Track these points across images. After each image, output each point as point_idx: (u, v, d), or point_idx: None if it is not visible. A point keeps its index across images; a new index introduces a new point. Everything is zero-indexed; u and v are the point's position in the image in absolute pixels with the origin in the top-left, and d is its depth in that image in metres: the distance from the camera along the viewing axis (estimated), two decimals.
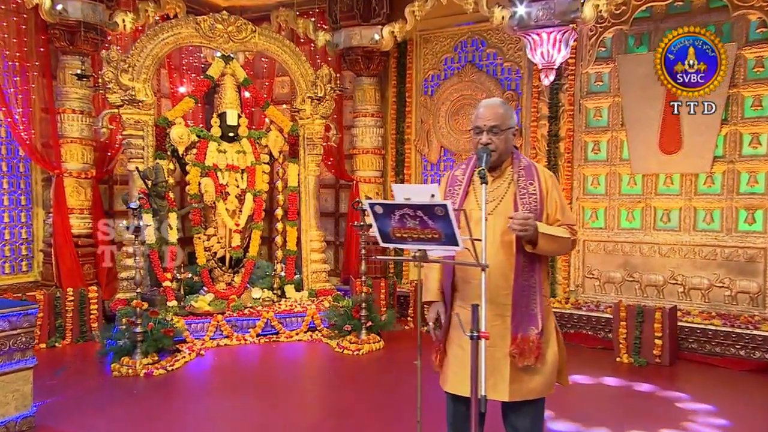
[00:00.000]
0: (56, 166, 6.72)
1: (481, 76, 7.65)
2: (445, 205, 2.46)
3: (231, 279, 7.02)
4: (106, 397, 4.91)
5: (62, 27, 6.59)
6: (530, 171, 2.98)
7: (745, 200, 6.37)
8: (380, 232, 2.72)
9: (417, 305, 7.08)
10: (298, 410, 4.77)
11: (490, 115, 2.93)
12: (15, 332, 4.00)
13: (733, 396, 5.18)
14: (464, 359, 2.84)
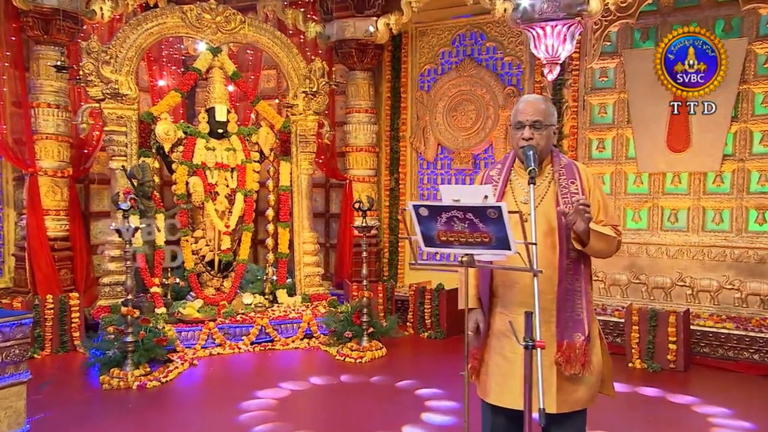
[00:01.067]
0: (30, 165, 6.48)
1: (480, 70, 7.64)
2: (500, 207, 2.39)
3: (220, 284, 6.87)
4: (101, 412, 4.75)
5: (36, 15, 6.36)
6: (571, 169, 2.93)
7: (756, 200, 6.41)
8: (423, 236, 2.65)
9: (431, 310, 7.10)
10: (309, 423, 4.66)
11: (533, 110, 2.88)
12: (8, 344, 3.82)
13: (757, 402, 5.13)
14: (507, 369, 2.84)
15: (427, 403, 4.96)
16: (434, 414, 4.77)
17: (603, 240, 2.79)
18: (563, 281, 2.78)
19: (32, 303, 5.91)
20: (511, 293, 2.89)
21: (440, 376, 5.85)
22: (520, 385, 2.76)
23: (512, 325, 2.70)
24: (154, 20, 6.48)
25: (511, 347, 2.81)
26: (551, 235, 2.78)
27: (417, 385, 5.42)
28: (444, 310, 6.94)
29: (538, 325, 2.44)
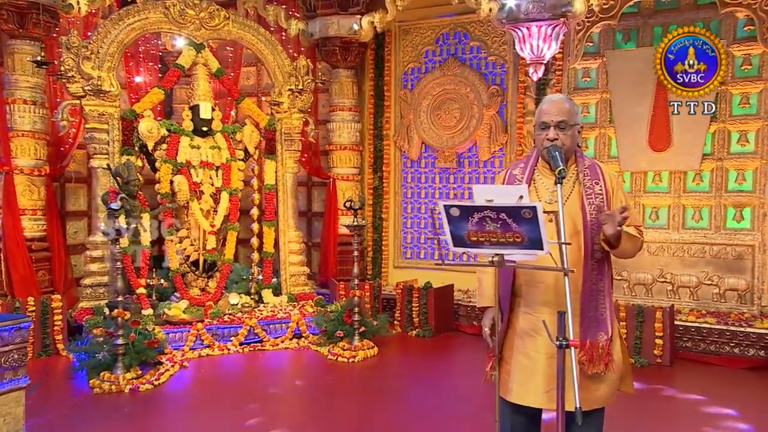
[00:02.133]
0: (5, 163, 6.34)
1: (464, 69, 7.74)
2: (535, 207, 2.40)
3: (205, 284, 6.83)
4: (96, 417, 4.66)
5: (11, 8, 6.19)
6: (595, 170, 2.96)
7: (734, 198, 6.66)
8: (453, 236, 2.66)
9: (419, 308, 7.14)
10: (309, 423, 4.69)
11: (557, 110, 2.88)
12: (6, 349, 3.75)
13: (740, 394, 5.35)
14: (530, 368, 2.87)
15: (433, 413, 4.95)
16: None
17: (630, 241, 2.83)
18: (588, 281, 2.81)
19: (12, 306, 5.75)
20: (535, 292, 2.91)
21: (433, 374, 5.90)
22: (542, 384, 2.86)
23: (546, 325, 2.70)
24: (136, 15, 6.39)
25: (535, 346, 2.88)
26: (576, 236, 2.80)
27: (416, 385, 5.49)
28: (432, 308, 7.02)
29: (571, 325, 2.46)
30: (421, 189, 8.08)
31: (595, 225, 2.87)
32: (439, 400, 5.20)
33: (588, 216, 2.85)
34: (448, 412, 4.91)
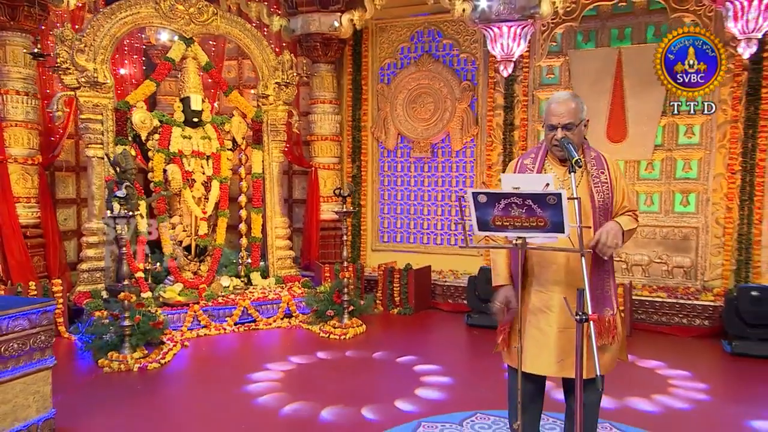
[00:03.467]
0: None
1: (438, 66, 7.90)
2: (560, 194, 2.56)
3: (197, 268, 6.86)
4: (112, 394, 4.71)
5: (3, 1, 6.08)
6: (600, 161, 3.11)
7: (681, 185, 7.06)
8: (478, 221, 2.79)
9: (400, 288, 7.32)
10: (315, 395, 4.78)
11: (564, 112, 2.99)
12: (34, 331, 3.81)
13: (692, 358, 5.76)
14: (543, 341, 3.03)
15: (423, 378, 5.15)
16: (429, 388, 4.94)
17: (629, 233, 3.00)
18: (596, 262, 2.92)
19: (14, 291, 5.72)
20: (547, 272, 3.03)
21: (419, 347, 6.12)
22: (554, 355, 3.03)
23: (567, 302, 2.80)
24: (128, 10, 6.36)
25: (547, 321, 3.04)
26: (586, 221, 2.91)
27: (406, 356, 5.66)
28: (412, 288, 7.20)
29: (589, 301, 2.53)
30: (397, 177, 8.24)
31: (602, 210, 3.01)
32: (427, 369, 5.38)
33: (596, 203, 2.99)
34: (437, 379, 5.11)
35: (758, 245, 6.82)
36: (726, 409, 4.69)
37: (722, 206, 6.96)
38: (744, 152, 6.82)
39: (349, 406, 4.50)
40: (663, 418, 4.47)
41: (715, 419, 4.52)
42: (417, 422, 4.18)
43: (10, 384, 3.65)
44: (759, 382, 5.27)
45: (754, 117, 6.72)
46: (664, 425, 4.33)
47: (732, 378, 5.44)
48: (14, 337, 3.65)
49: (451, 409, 4.43)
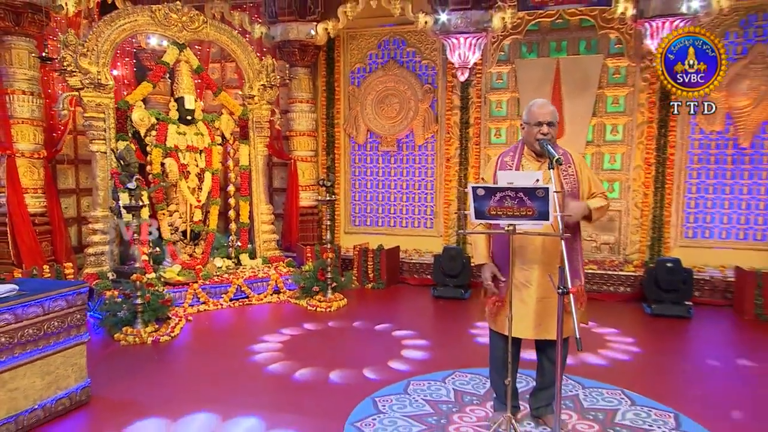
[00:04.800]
0: (8, 147, 6.09)
1: (402, 71, 7.96)
2: (548, 188, 2.76)
3: (192, 251, 6.87)
4: (131, 364, 4.71)
5: (8, 7, 5.92)
6: (567, 156, 3.32)
7: (608, 175, 7.39)
8: (476, 210, 2.93)
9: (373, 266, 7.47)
10: (312, 360, 4.86)
11: (547, 113, 3.23)
12: (71, 310, 3.84)
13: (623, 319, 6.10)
14: (524, 311, 3.22)
15: (404, 342, 5.26)
16: (412, 350, 5.08)
17: (601, 210, 3.21)
18: (567, 243, 2.91)
19: (30, 274, 5.63)
20: (526, 252, 3.22)
21: (395, 316, 6.26)
22: (533, 321, 3.23)
23: (551, 278, 2.99)
24: (126, 18, 6.27)
25: (528, 293, 3.22)
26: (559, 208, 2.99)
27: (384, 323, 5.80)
28: (384, 265, 7.34)
29: (567, 274, 2.69)
30: (367, 168, 8.31)
31: (570, 197, 3.18)
32: (406, 334, 5.54)
33: (565, 192, 3.15)
34: (415, 343, 5.26)
35: (668, 225, 7.26)
36: (654, 358, 4.99)
37: (640, 193, 7.31)
38: (657, 148, 7.19)
39: (351, 368, 4.58)
40: (610, 369, 4.68)
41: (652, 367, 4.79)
42: (407, 381, 4.31)
43: (53, 357, 3.70)
44: (675, 337, 5.64)
45: (665, 119, 7.10)
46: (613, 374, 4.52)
47: (654, 334, 5.74)
48: (54, 316, 3.69)
49: (431, 369, 4.56)
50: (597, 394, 4.09)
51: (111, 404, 3.94)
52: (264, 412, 3.80)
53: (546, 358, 3.46)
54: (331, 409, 3.84)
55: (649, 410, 3.83)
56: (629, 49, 7.11)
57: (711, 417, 3.74)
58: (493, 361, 3.52)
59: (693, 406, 3.90)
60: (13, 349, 3.44)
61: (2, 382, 3.39)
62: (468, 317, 6.16)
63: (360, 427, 3.53)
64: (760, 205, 6.97)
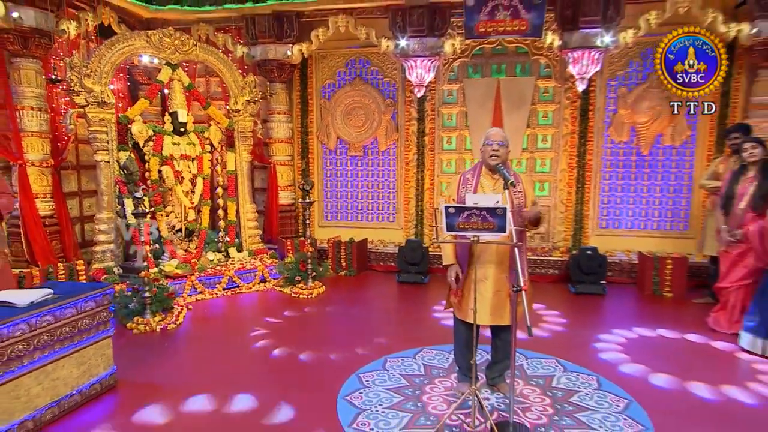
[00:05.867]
0: (19, 157, 6.04)
1: (367, 87, 8.04)
2: (505, 208, 3.06)
3: (187, 246, 6.90)
4: (146, 350, 4.76)
5: (16, 33, 5.85)
6: (517, 177, 3.58)
7: (539, 176, 7.68)
8: (448, 225, 3.18)
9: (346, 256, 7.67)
10: (301, 341, 4.98)
11: (500, 137, 3.50)
12: (99, 309, 3.96)
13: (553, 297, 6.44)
14: (481, 301, 3.46)
15: (380, 325, 5.39)
16: (386, 330, 5.19)
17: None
18: (515, 247, 3.15)
19: (46, 271, 5.64)
20: (484, 255, 3.47)
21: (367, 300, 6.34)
22: (489, 310, 3.47)
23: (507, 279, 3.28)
24: (125, 42, 6.20)
25: (485, 287, 3.47)
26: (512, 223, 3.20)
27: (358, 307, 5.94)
28: (354, 255, 7.48)
29: (521, 275, 2.94)
30: (337, 171, 8.41)
31: (517, 210, 3.41)
32: (375, 312, 5.81)
33: (514, 206, 3.38)
34: (386, 321, 5.50)
35: (587, 218, 7.60)
36: (583, 330, 5.29)
37: (565, 191, 7.58)
38: (578, 154, 7.48)
39: (335, 349, 4.69)
40: (552, 341, 4.98)
41: (579, 338, 5.07)
42: (384, 358, 4.48)
43: (86, 350, 3.83)
44: (594, 311, 5.98)
45: (584, 131, 7.42)
46: (549, 346, 4.81)
47: (577, 309, 6.05)
48: (86, 315, 3.81)
49: (403, 347, 4.72)
50: (537, 363, 4.41)
51: (135, 386, 4.04)
52: (266, 391, 3.93)
53: (499, 339, 3.75)
54: (323, 385, 4.00)
55: (577, 375, 4.18)
56: (556, 72, 7.42)
57: (624, 378, 4.14)
58: (457, 342, 3.82)
59: (610, 370, 4.29)
60: (54, 345, 3.57)
61: (46, 373, 3.51)
62: (429, 299, 6.36)
63: (350, 400, 3.75)
64: (656, 201, 7.45)
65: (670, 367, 4.39)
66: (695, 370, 4.34)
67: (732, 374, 4.33)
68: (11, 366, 3.28)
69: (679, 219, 7.42)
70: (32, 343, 3.41)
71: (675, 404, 3.79)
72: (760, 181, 5.00)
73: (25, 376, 3.36)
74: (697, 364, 4.48)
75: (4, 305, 3.46)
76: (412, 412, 3.60)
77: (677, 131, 7.25)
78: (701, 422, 3.56)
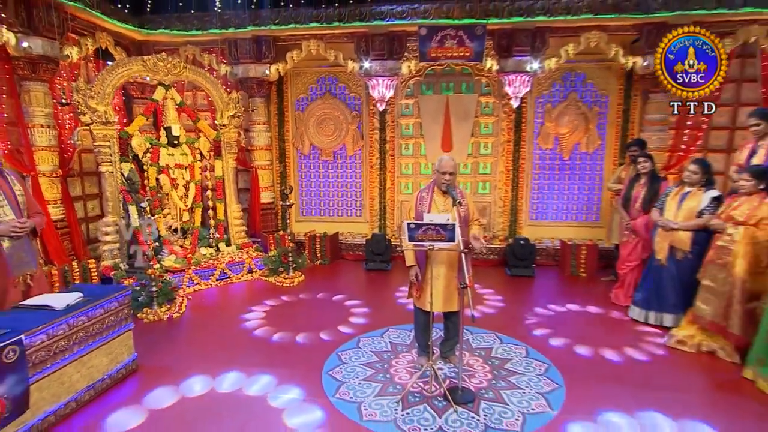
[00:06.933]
0: (32, 169, 6.09)
1: (336, 101, 8.20)
2: (454, 224, 3.46)
3: (183, 243, 7.08)
4: (157, 336, 4.89)
5: (26, 59, 5.88)
6: (462, 194, 3.87)
7: (482, 177, 8.05)
8: (409, 237, 3.56)
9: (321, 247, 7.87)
10: (286, 324, 5.17)
11: (449, 167, 3.77)
12: (121, 308, 4.20)
13: (493, 280, 6.78)
14: (435, 293, 3.76)
15: (352, 309, 5.57)
16: (359, 311, 5.50)
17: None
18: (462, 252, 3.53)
19: (63, 270, 5.78)
20: (438, 259, 3.79)
21: (340, 285, 6.51)
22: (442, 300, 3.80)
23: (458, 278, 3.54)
24: (124, 67, 6.27)
25: (438, 283, 3.81)
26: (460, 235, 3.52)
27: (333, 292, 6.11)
28: (328, 246, 7.69)
29: (467, 274, 3.31)
30: (311, 173, 8.56)
31: (463, 222, 3.66)
32: (348, 297, 5.98)
33: (461, 219, 3.65)
34: (358, 305, 5.69)
35: (520, 212, 8.02)
36: (516, 307, 5.62)
37: (503, 190, 7.93)
38: (513, 159, 7.84)
39: (316, 330, 4.91)
40: (491, 318, 5.24)
41: (513, 314, 5.39)
42: (358, 338, 4.72)
43: (113, 342, 4.08)
44: (525, 291, 6.31)
45: (518, 140, 7.82)
46: (494, 321, 5.13)
47: (512, 289, 6.35)
48: (111, 313, 4.07)
49: (373, 328, 4.97)
50: (480, 338, 4.77)
51: (153, 369, 4.23)
52: (264, 368, 4.15)
53: (450, 321, 4.14)
54: (309, 362, 4.24)
55: (510, 346, 4.58)
56: (494, 90, 7.77)
57: (546, 346, 4.60)
58: (417, 325, 4.19)
59: (535, 340, 4.73)
60: (88, 340, 3.83)
61: (83, 363, 3.78)
62: (392, 284, 6.63)
63: (332, 374, 4.04)
64: (574, 197, 8.00)
65: (579, 335, 4.90)
66: (597, 337, 4.86)
67: (623, 339, 4.86)
68: (57, 359, 3.57)
69: (592, 212, 8.10)
70: (72, 339, 3.68)
71: (581, 365, 4.30)
72: (648, 187, 5.70)
73: (68, 366, 3.65)
74: (598, 332, 5.01)
75: (45, 308, 3.71)
76: (382, 383, 3.96)
77: (590, 141, 7.91)
78: (600, 378, 4.07)
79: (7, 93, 5.91)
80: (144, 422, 3.51)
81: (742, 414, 3.62)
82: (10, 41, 5.57)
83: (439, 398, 3.73)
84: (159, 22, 7.54)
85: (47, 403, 3.49)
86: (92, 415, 3.62)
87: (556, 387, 3.93)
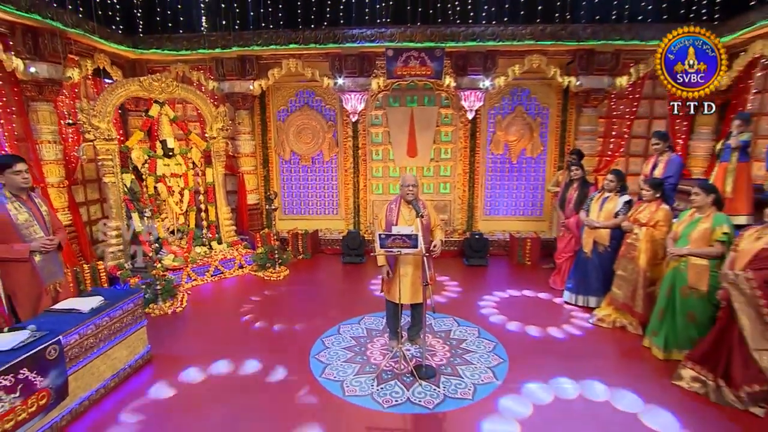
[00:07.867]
0: (41, 180, 6.25)
1: (313, 112, 8.38)
2: (417, 234, 3.82)
3: (179, 243, 7.32)
4: (164, 329, 5.05)
5: (33, 83, 6.00)
6: (419, 205, 4.08)
7: (442, 179, 8.39)
8: (381, 244, 3.89)
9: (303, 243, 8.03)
10: (279, 314, 5.41)
11: (411, 179, 4.05)
12: (135, 308, 4.50)
13: (452, 268, 7.12)
14: (404, 288, 4.07)
15: (333, 297, 5.79)
16: (339, 302, 5.63)
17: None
18: (425, 255, 3.79)
19: (75, 272, 5.99)
20: (405, 261, 4.07)
21: (322, 278, 6.65)
22: (409, 293, 4.12)
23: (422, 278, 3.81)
24: (123, 87, 6.42)
25: (406, 280, 4.12)
26: (424, 236, 3.77)
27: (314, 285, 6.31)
28: (309, 242, 7.90)
29: (428, 272, 3.66)
30: (292, 176, 8.73)
31: (426, 229, 3.90)
32: (329, 288, 6.21)
33: (423, 226, 3.90)
34: (336, 292, 5.99)
35: (476, 209, 8.37)
36: (472, 294, 5.90)
37: (461, 189, 8.26)
38: (470, 163, 8.19)
39: (302, 320, 5.10)
40: (450, 304, 5.52)
41: (468, 300, 5.70)
42: (338, 325, 4.96)
43: (130, 337, 4.40)
44: (479, 279, 6.62)
45: (473, 146, 8.18)
46: (448, 307, 5.39)
47: (469, 278, 6.65)
48: (128, 313, 4.39)
49: (351, 316, 5.19)
50: (441, 322, 5.09)
51: (165, 358, 4.48)
52: (258, 355, 4.38)
53: (415, 310, 4.50)
54: (298, 348, 4.51)
55: (466, 328, 4.92)
56: (453, 103, 8.06)
57: (494, 327, 5.04)
58: (388, 314, 4.57)
59: (486, 322, 5.13)
60: (111, 336, 4.17)
61: (108, 356, 4.13)
62: (366, 276, 6.85)
63: (318, 358, 4.33)
64: (521, 195, 8.50)
65: (522, 316, 5.36)
66: (537, 318, 5.33)
67: (557, 318, 5.38)
68: (87, 354, 3.94)
69: (536, 208, 8.70)
70: (98, 336, 4.05)
71: (523, 342, 4.76)
72: (579, 191, 6.36)
73: (96, 359, 4.01)
74: (539, 313, 5.47)
75: (73, 312, 4.04)
76: (360, 363, 4.29)
77: (534, 147, 8.52)
78: (540, 352, 4.48)
79: (17, 113, 6.04)
80: (173, 396, 3.85)
81: (635, 373, 4.21)
82: (19, 67, 5.70)
83: (407, 375, 4.08)
84: (151, 42, 7.63)
85: (82, 390, 3.87)
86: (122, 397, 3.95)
87: (501, 362, 4.38)
